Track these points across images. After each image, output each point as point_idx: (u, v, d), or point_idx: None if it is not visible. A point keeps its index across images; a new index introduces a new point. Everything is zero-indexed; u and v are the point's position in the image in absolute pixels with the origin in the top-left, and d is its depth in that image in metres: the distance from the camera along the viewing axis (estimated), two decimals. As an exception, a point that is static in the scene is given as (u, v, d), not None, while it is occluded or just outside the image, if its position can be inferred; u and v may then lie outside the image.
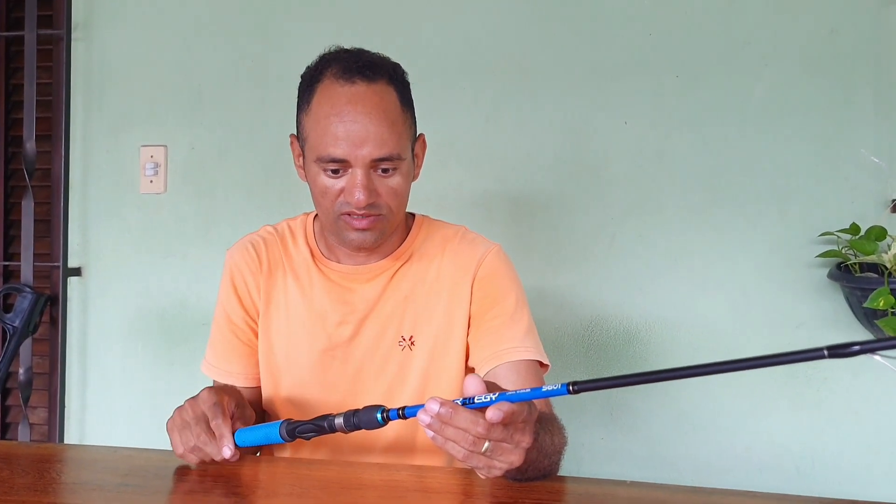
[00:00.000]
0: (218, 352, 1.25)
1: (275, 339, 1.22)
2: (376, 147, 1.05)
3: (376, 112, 1.05)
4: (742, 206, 1.82)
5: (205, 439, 0.95)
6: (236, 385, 1.22)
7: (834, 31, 1.79)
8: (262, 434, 0.97)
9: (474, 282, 1.18)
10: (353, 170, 1.06)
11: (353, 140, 1.04)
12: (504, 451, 0.79)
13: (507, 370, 1.10)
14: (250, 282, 1.23)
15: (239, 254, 1.24)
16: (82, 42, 2.09)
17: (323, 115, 1.06)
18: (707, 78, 1.83)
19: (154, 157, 2.05)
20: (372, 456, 1.18)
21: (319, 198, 1.11)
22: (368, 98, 1.05)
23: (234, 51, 2.03)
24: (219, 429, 0.95)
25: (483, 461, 0.80)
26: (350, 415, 0.89)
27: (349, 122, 1.04)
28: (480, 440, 0.77)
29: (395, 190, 1.10)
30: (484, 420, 0.75)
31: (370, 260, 1.20)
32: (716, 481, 1.76)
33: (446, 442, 0.78)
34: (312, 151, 1.08)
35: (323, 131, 1.06)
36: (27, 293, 1.96)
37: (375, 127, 1.04)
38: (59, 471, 0.99)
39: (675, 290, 1.84)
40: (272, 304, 1.22)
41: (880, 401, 1.75)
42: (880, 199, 1.76)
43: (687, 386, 1.82)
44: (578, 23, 1.89)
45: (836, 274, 1.69)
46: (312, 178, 1.11)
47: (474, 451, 0.78)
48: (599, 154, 1.88)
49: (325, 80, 1.08)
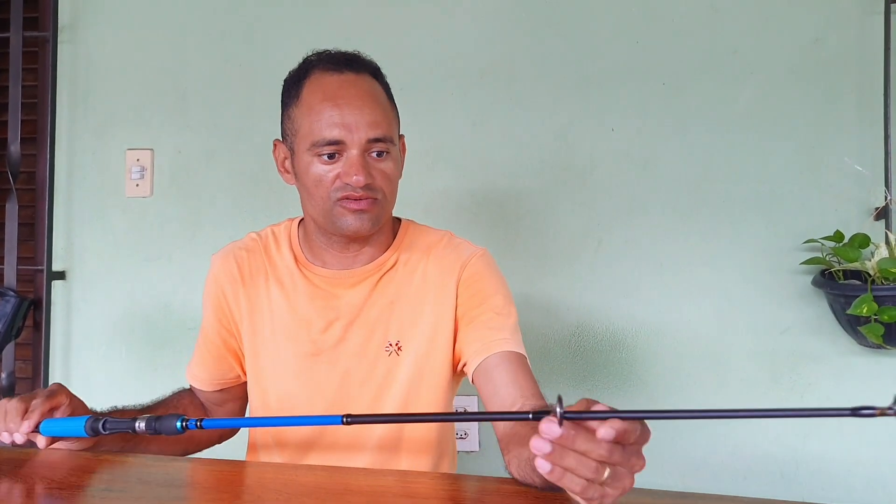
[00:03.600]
0: (195, 355, 1.31)
1: (260, 346, 1.22)
2: (370, 128, 1.08)
3: (367, 96, 1.10)
4: (727, 213, 1.83)
5: (6, 420, 1.03)
6: (202, 389, 1.30)
7: (818, 40, 1.81)
8: (69, 426, 1.01)
9: (459, 283, 1.18)
10: (349, 152, 1.08)
11: (348, 122, 1.07)
12: (620, 477, 0.68)
13: (499, 360, 1.09)
14: (228, 291, 1.23)
15: (220, 263, 1.25)
16: (68, 44, 2.08)
17: (316, 102, 1.09)
18: (693, 86, 1.85)
19: (140, 161, 2.04)
20: (363, 454, 1.18)
21: (313, 188, 1.11)
22: (359, 84, 1.10)
23: (221, 54, 2.03)
24: (31, 415, 1.02)
25: (599, 492, 0.68)
26: (152, 419, 0.93)
27: (343, 105, 1.08)
28: (603, 467, 0.66)
29: (388, 175, 1.13)
30: (606, 442, 0.65)
31: (357, 262, 1.20)
32: (702, 486, 1.77)
33: (564, 474, 0.67)
34: (305, 140, 1.10)
35: (317, 117, 1.08)
36: (10, 297, 1.94)
37: (369, 109, 1.09)
38: (42, 476, 0.98)
39: (660, 296, 1.85)
40: (256, 312, 1.22)
41: (863, 407, 1.76)
42: (864, 207, 1.77)
43: (672, 391, 1.83)
44: (566, 30, 1.90)
45: (820, 281, 1.71)
46: (304, 170, 1.12)
47: (595, 479, 0.67)
48: (586, 160, 1.88)
49: (314, 73, 1.12)
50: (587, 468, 0.65)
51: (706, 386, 1.82)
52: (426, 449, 1.21)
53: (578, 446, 0.65)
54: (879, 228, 1.72)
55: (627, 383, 1.84)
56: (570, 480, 0.67)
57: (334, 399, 1.18)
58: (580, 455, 0.66)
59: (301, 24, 1.99)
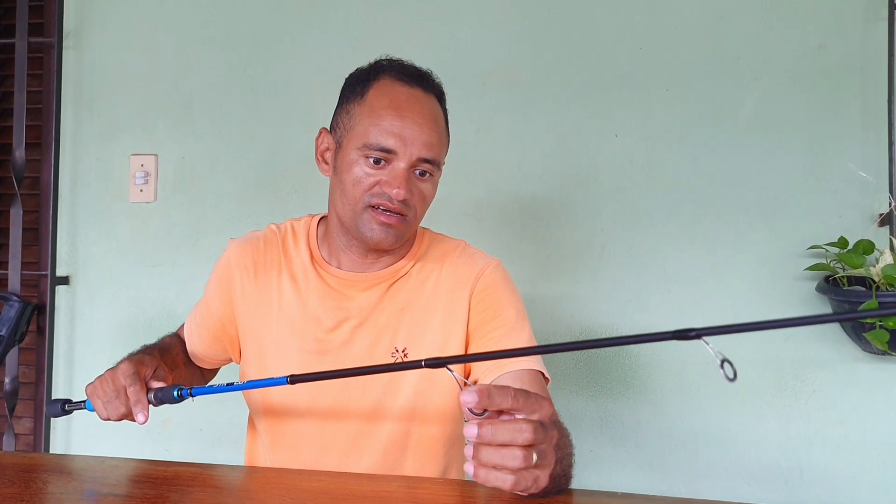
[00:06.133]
0: (190, 324, 1.33)
1: (266, 339, 1.22)
2: (424, 147, 1.11)
3: (430, 117, 1.13)
4: (731, 219, 1.83)
5: (125, 411, 1.06)
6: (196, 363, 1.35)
7: (822, 46, 1.81)
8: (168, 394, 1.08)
9: (472, 295, 1.18)
10: (397, 163, 1.10)
11: (405, 135, 1.10)
12: (545, 454, 0.71)
13: (511, 380, 1.09)
14: (237, 280, 1.24)
15: (237, 250, 1.26)
16: (73, 50, 2.09)
17: (380, 107, 1.11)
18: (697, 92, 1.85)
19: (144, 166, 2.04)
20: (367, 455, 1.18)
21: (350, 186, 1.12)
22: (424, 103, 1.13)
23: (226, 60, 2.03)
24: (135, 395, 1.06)
25: (532, 477, 0.71)
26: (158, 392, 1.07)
27: (406, 117, 1.10)
28: (530, 452, 0.69)
29: (425, 196, 1.15)
30: (527, 424, 0.67)
31: (372, 268, 1.20)
32: (706, 493, 1.77)
33: (490, 473, 0.68)
34: (359, 139, 1.11)
35: (377, 120, 1.10)
36: (14, 302, 1.95)
37: (428, 128, 1.12)
38: (46, 480, 0.97)
39: (664, 302, 1.85)
40: (264, 304, 1.22)
41: (868, 413, 1.75)
42: (868, 213, 1.77)
43: (676, 398, 1.82)
44: (570, 36, 1.90)
45: (825, 287, 1.70)
46: (347, 167, 1.12)
47: (526, 467, 0.69)
48: (590, 166, 1.89)
49: (384, 77, 1.14)
50: (514, 459, 0.67)
51: (710, 393, 1.81)
52: (433, 453, 1.20)
53: (501, 437, 0.67)
54: (884, 234, 1.72)
55: (631, 389, 1.84)
56: (497, 478, 0.69)
57: (336, 400, 1.18)
58: (503, 448, 0.68)
59: (305, 30, 2.00)
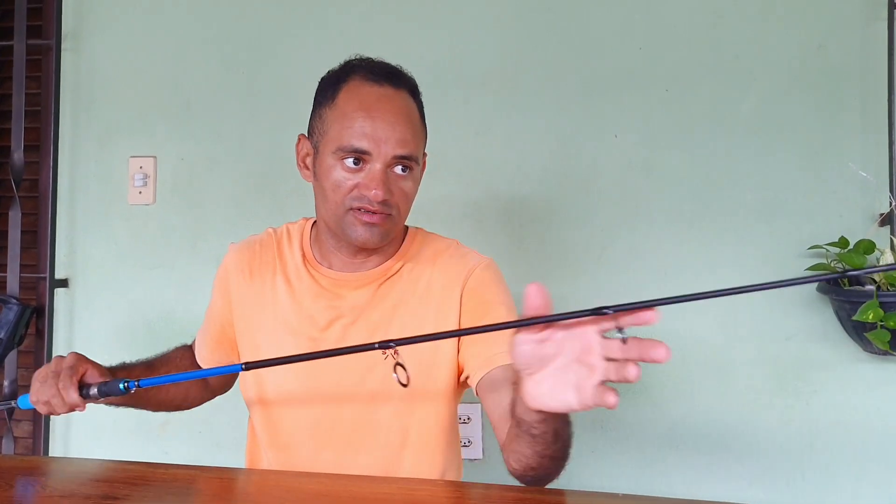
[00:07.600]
0: (198, 333, 1.39)
1: (262, 339, 1.23)
2: (399, 145, 1.09)
3: (402, 114, 1.12)
4: (731, 220, 1.82)
5: (54, 392, 1.08)
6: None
7: (822, 46, 1.80)
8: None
9: (463, 293, 1.18)
10: (372, 164, 1.09)
11: (378, 135, 1.09)
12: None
13: (502, 373, 1.08)
14: (233, 283, 1.27)
15: (235, 254, 1.30)
16: (71, 52, 2.08)
17: (350, 109, 1.10)
18: (696, 92, 1.85)
19: (143, 169, 2.04)
20: (364, 452, 1.18)
21: (330, 192, 1.12)
22: (395, 101, 1.12)
23: (224, 62, 2.03)
24: (65, 387, 1.07)
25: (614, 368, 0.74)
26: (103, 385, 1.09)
27: (377, 117, 1.09)
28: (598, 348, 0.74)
29: (406, 193, 1.14)
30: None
31: (363, 267, 1.20)
32: (707, 493, 1.77)
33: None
34: (333, 143, 1.11)
35: (349, 123, 1.09)
36: (13, 304, 1.94)
37: (401, 126, 1.10)
38: (44, 484, 0.97)
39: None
40: (260, 305, 1.24)
41: (869, 413, 1.75)
42: (868, 213, 1.77)
43: (677, 398, 1.82)
44: (569, 36, 1.90)
45: (825, 287, 1.70)
46: (325, 172, 1.12)
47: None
48: (589, 167, 1.88)
49: (353, 79, 1.13)
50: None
51: (711, 393, 1.81)
52: (431, 452, 1.20)
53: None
54: (884, 234, 1.72)
55: (631, 390, 1.83)
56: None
57: (331, 397, 1.18)
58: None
59: (304, 32, 2.00)
